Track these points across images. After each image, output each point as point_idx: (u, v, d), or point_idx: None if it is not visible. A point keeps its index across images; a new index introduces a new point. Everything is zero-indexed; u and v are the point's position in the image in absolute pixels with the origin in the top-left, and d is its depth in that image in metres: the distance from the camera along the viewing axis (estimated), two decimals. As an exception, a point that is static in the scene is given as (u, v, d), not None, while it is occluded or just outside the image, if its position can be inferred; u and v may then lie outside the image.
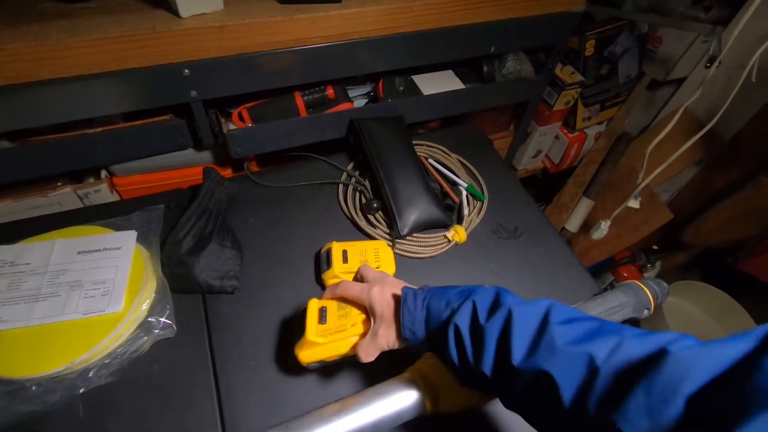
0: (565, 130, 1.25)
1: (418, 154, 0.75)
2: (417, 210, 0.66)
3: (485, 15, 0.76)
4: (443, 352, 0.39)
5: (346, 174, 0.75)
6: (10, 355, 0.47)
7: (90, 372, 0.47)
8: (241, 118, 0.73)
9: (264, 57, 0.64)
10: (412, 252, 0.65)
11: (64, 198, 0.70)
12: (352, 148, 0.80)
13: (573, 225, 1.27)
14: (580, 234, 1.29)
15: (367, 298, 0.45)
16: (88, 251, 0.56)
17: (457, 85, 0.88)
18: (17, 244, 0.56)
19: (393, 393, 0.43)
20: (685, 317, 1.23)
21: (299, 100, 0.75)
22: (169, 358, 0.51)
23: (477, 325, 0.36)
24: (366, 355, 0.43)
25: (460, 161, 0.80)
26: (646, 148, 0.91)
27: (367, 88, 0.86)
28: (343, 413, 0.41)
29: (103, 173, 0.74)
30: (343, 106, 0.78)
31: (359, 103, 0.84)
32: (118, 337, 0.50)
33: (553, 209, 1.32)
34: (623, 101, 1.25)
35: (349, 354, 0.46)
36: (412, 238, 0.66)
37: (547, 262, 0.67)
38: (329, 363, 0.48)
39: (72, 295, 0.52)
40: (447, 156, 0.80)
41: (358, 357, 0.43)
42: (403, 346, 0.43)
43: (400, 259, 0.64)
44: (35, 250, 0.55)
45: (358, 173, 0.75)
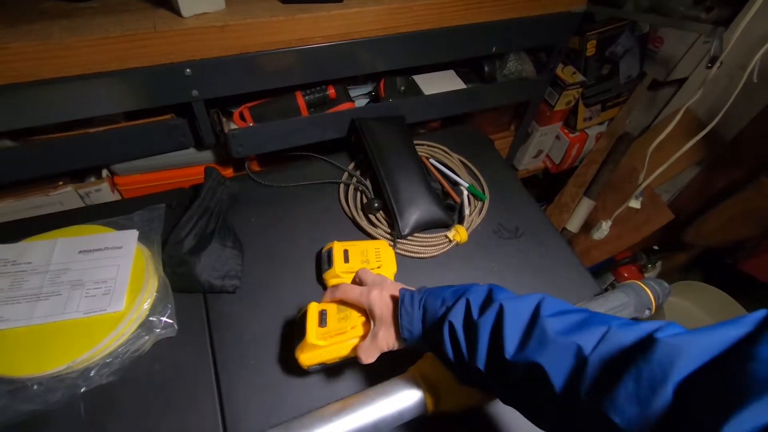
0: (566, 130, 1.26)
1: (419, 153, 0.75)
2: (418, 210, 0.66)
3: (486, 15, 0.76)
4: (439, 349, 0.39)
5: (347, 174, 0.75)
6: (11, 354, 0.47)
7: (91, 371, 0.47)
8: (242, 117, 0.73)
9: (265, 57, 0.64)
10: (413, 252, 0.65)
11: (66, 197, 0.70)
12: (353, 148, 0.80)
13: (574, 225, 1.27)
14: (581, 234, 1.29)
15: (367, 301, 0.45)
16: (90, 250, 0.56)
17: (458, 85, 0.88)
18: (19, 243, 0.56)
19: (394, 392, 0.43)
20: (686, 317, 1.23)
21: (300, 100, 0.75)
22: (170, 358, 0.51)
23: (470, 322, 0.37)
24: (367, 357, 0.43)
25: (461, 161, 0.80)
26: (647, 148, 0.91)
27: (368, 88, 0.86)
28: (344, 413, 0.41)
29: (104, 172, 0.74)
30: (345, 106, 0.78)
31: (360, 102, 0.84)
32: (120, 336, 0.50)
33: (554, 209, 1.32)
34: (624, 101, 1.25)
35: (349, 356, 0.46)
36: (413, 238, 0.66)
37: (548, 262, 0.67)
38: (330, 365, 0.48)
39: (73, 294, 0.52)
40: (448, 156, 0.80)
41: (359, 359, 0.44)
42: (403, 347, 0.44)
43: (401, 258, 0.64)
44: (37, 249, 0.55)
45: (359, 173, 0.75)
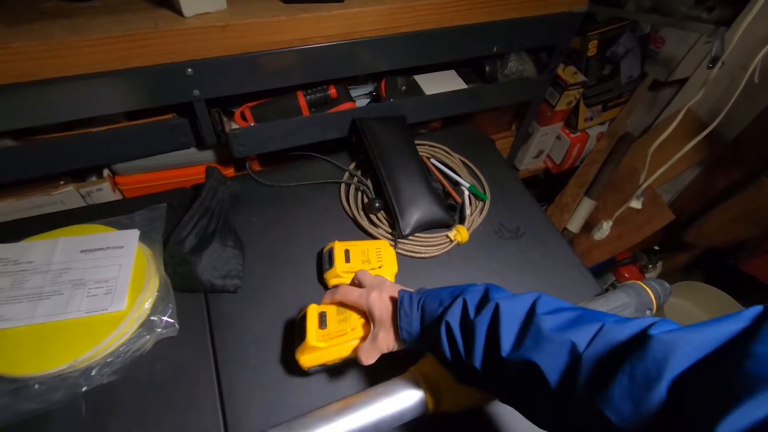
0: (567, 131, 1.25)
1: (420, 153, 0.75)
2: (419, 210, 0.66)
3: (487, 15, 0.76)
4: (437, 349, 0.39)
5: (348, 173, 0.75)
6: (13, 354, 0.47)
7: (93, 370, 0.47)
8: (243, 117, 0.73)
9: (267, 56, 0.64)
10: (414, 252, 0.65)
11: (67, 197, 0.70)
12: (354, 148, 0.80)
13: (575, 225, 1.27)
14: (581, 234, 1.29)
15: (366, 303, 0.45)
16: (91, 250, 0.56)
17: (459, 85, 0.88)
18: (20, 243, 0.56)
19: (395, 392, 0.43)
20: (687, 318, 1.23)
21: (302, 100, 0.75)
22: (171, 357, 0.51)
23: (467, 321, 0.37)
24: (367, 358, 0.43)
25: (462, 161, 0.80)
26: (648, 148, 0.91)
27: (369, 88, 0.86)
28: (345, 413, 0.41)
29: (105, 172, 0.75)
30: (346, 106, 0.78)
31: (361, 102, 0.84)
32: (121, 335, 0.50)
33: (554, 209, 1.32)
34: (625, 102, 1.25)
35: (349, 357, 0.46)
36: (414, 238, 0.66)
37: (549, 262, 0.67)
38: (330, 366, 0.48)
39: (75, 293, 0.52)
40: (449, 156, 0.80)
41: (359, 360, 0.44)
42: (403, 348, 0.44)
43: (402, 258, 0.64)
44: (38, 248, 0.56)
45: (360, 173, 0.75)
